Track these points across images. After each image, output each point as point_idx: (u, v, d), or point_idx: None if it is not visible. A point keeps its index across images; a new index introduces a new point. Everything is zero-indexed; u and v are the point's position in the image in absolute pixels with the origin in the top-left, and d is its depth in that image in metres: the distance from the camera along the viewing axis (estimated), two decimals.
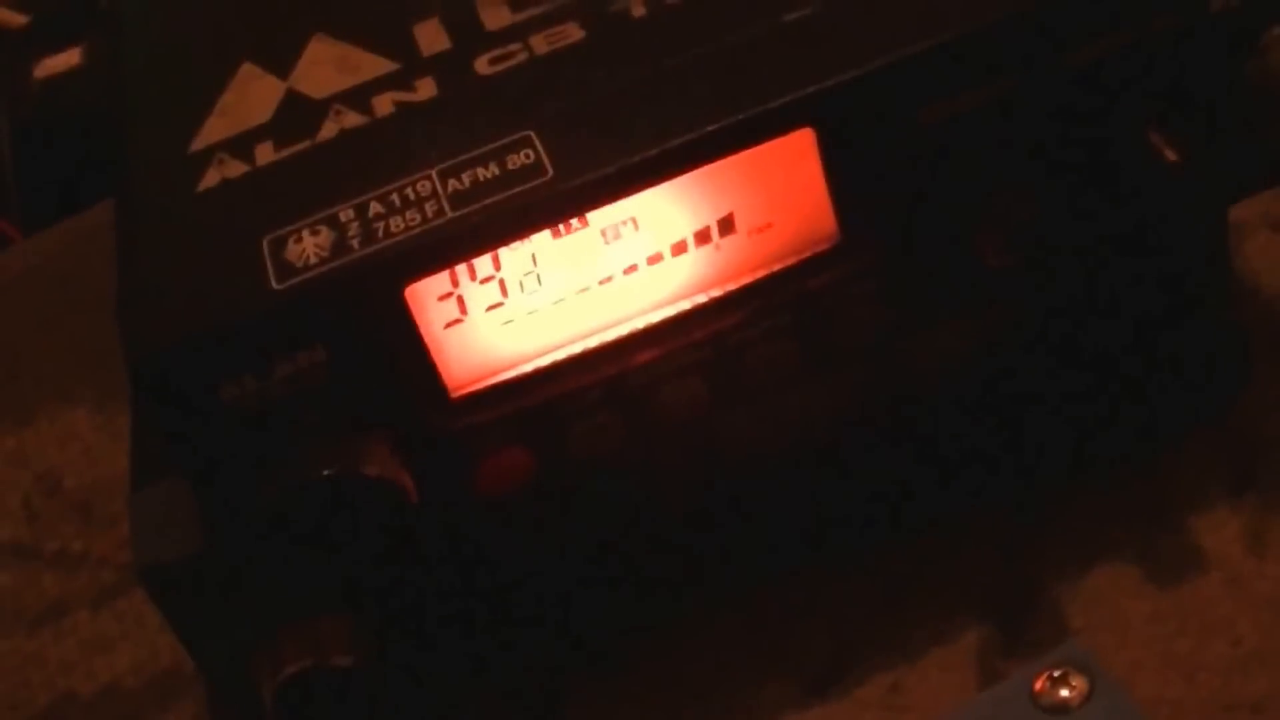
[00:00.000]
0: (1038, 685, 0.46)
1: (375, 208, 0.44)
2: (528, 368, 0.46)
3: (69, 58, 0.89)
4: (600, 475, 0.47)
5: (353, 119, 0.47)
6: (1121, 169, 0.46)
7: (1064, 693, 0.45)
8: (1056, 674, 0.46)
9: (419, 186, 0.44)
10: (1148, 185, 0.47)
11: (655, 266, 0.46)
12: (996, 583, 0.53)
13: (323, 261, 0.43)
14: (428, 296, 0.44)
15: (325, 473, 0.43)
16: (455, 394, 0.45)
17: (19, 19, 0.95)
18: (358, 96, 0.48)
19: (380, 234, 0.43)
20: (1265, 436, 0.54)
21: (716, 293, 0.46)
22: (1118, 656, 0.50)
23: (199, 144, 0.48)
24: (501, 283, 0.45)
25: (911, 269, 0.47)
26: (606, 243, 0.45)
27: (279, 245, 0.44)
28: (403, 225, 0.43)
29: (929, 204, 0.46)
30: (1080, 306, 0.50)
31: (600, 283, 0.46)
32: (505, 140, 0.44)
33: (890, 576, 0.53)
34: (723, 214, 0.46)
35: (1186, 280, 0.51)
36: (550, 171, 0.43)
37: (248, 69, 0.50)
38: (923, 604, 0.53)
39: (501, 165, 0.44)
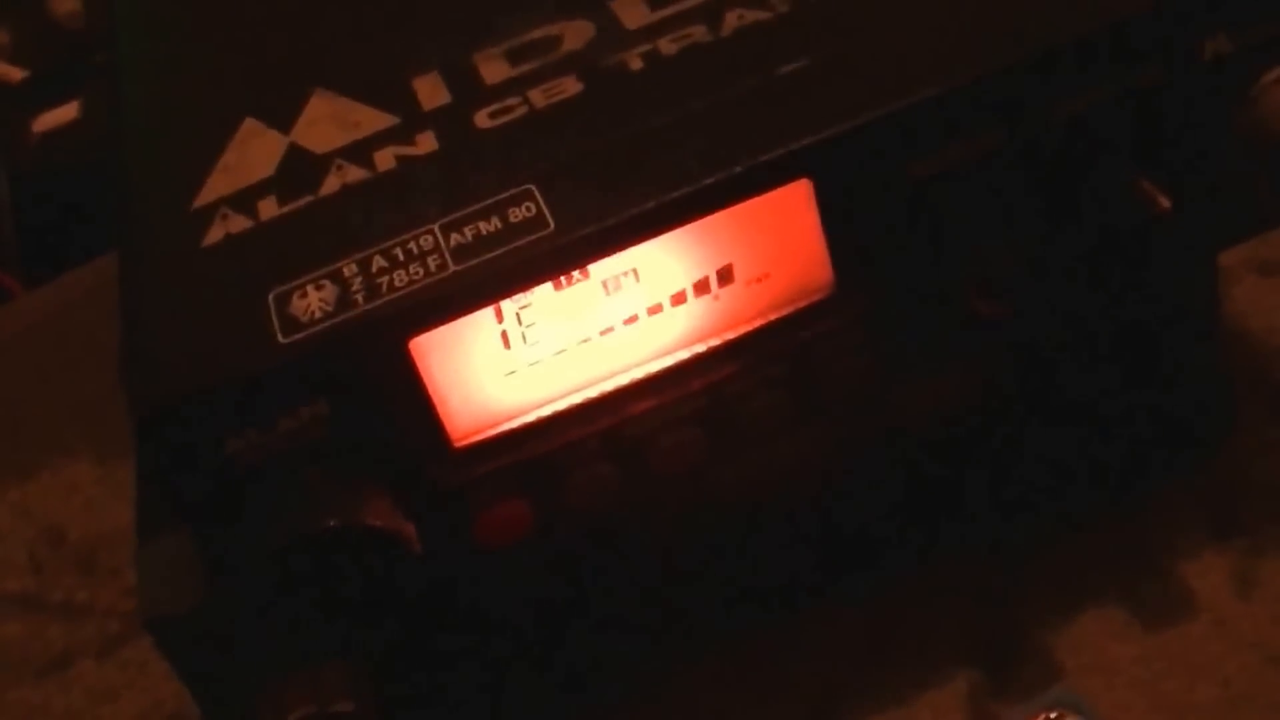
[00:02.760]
0: None
1: (378, 262, 0.44)
2: (529, 418, 0.46)
3: (67, 111, 0.90)
4: (597, 525, 0.48)
5: (355, 173, 0.48)
6: (1111, 218, 0.47)
7: None
8: (1052, 716, 0.46)
9: (421, 240, 0.44)
10: (1137, 234, 0.47)
11: (655, 317, 0.46)
12: (984, 627, 0.53)
13: (327, 316, 0.43)
14: (431, 349, 0.44)
15: (329, 524, 0.44)
16: (458, 445, 0.46)
17: (17, 73, 0.96)
18: (359, 151, 0.48)
19: (384, 288, 0.44)
20: (1251, 480, 0.55)
21: (715, 342, 0.47)
22: (1106, 699, 0.50)
23: (202, 199, 0.48)
24: (504, 334, 0.45)
25: (903, 319, 0.47)
26: (607, 294, 0.46)
27: (284, 300, 0.44)
28: (406, 279, 0.44)
29: (921, 253, 0.47)
30: (1068, 355, 0.50)
31: (601, 333, 0.46)
32: (506, 194, 0.45)
33: (880, 621, 0.54)
34: (721, 265, 0.46)
35: (1175, 328, 0.51)
36: (551, 224, 0.44)
37: (249, 124, 0.51)
38: (913, 648, 0.53)
39: (503, 218, 0.44)
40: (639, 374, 0.46)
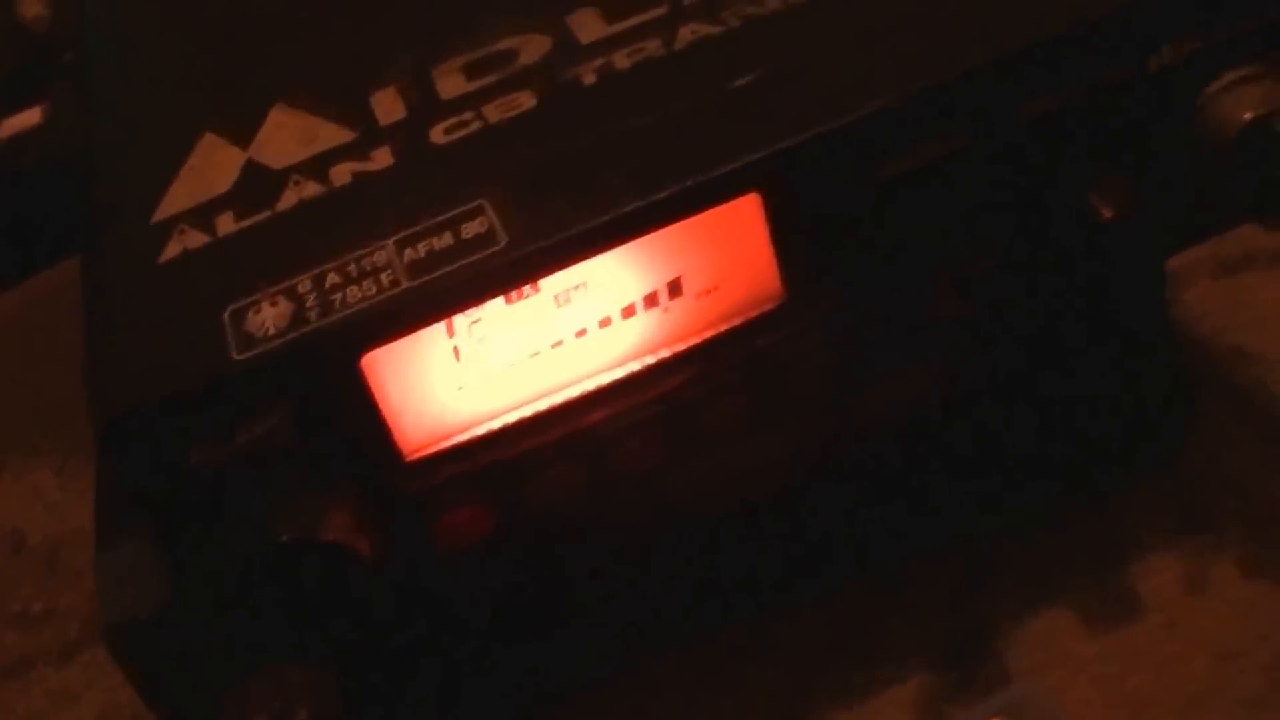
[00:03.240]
0: None
1: (332, 278, 0.45)
2: (481, 430, 0.47)
3: (30, 116, 0.90)
4: (557, 530, 0.48)
5: (311, 189, 0.48)
6: (1064, 223, 0.48)
7: None
8: (1010, 714, 0.47)
9: (375, 257, 0.45)
10: (1090, 238, 0.48)
11: (606, 329, 0.47)
12: (946, 625, 0.54)
13: (281, 333, 0.44)
14: (384, 365, 0.45)
15: (284, 536, 0.44)
16: (410, 457, 0.46)
17: None
18: (316, 166, 0.49)
19: (337, 305, 0.44)
20: (1209, 479, 0.56)
21: (665, 354, 0.47)
22: (1066, 696, 0.51)
23: (161, 214, 0.49)
24: (456, 349, 0.46)
25: (859, 323, 0.48)
26: (558, 307, 0.46)
27: (239, 317, 0.44)
28: (359, 295, 0.44)
29: (875, 260, 0.47)
30: (1027, 354, 0.51)
31: (552, 346, 0.47)
32: (459, 210, 0.45)
33: (842, 619, 0.54)
34: (671, 277, 0.47)
35: (1132, 329, 0.52)
36: (503, 240, 0.44)
37: (209, 139, 0.51)
38: (875, 647, 0.54)
39: (455, 234, 0.45)
40: (590, 385, 0.47)
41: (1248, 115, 0.48)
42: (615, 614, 0.53)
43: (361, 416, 0.45)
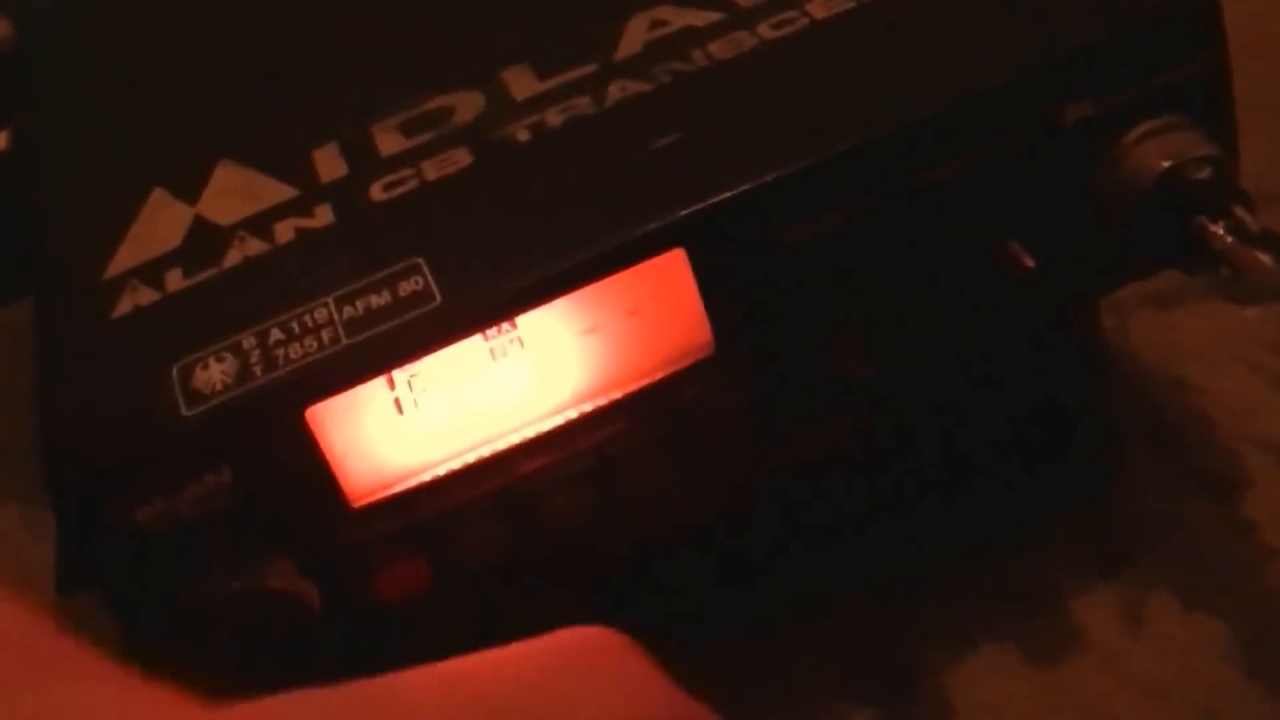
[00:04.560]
0: None
1: (276, 335, 0.46)
2: (424, 478, 0.48)
3: None
4: (492, 581, 0.50)
5: (255, 246, 0.50)
6: (979, 277, 0.49)
7: None
8: None
9: (316, 314, 0.47)
10: (1007, 292, 0.49)
11: (540, 381, 0.48)
12: (879, 664, 0.55)
13: (227, 389, 0.45)
14: (327, 417, 0.47)
15: (233, 587, 0.46)
16: (356, 506, 0.48)
17: None
18: (260, 223, 0.50)
19: (280, 360, 0.46)
20: (1141, 515, 0.57)
21: (601, 402, 0.49)
22: None
23: (113, 270, 0.50)
24: (397, 401, 0.47)
25: (779, 377, 0.50)
26: (494, 360, 0.48)
27: (187, 373, 0.46)
28: (301, 352, 0.46)
29: (792, 317, 0.49)
30: (946, 405, 0.52)
31: (489, 398, 0.48)
32: (396, 267, 0.47)
33: (777, 660, 0.55)
34: (604, 329, 0.48)
35: (1054, 375, 0.53)
36: (439, 298, 0.46)
37: (158, 195, 0.53)
38: (809, 685, 0.54)
39: (393, 292, 0.47)
40: (527, 434, 0.49)
41: (1164, 164, 0.49)
42: None
43: (308, 467, 0.47)
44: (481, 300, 0.46)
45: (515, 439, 0.49)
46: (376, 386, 0.47)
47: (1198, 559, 0.56)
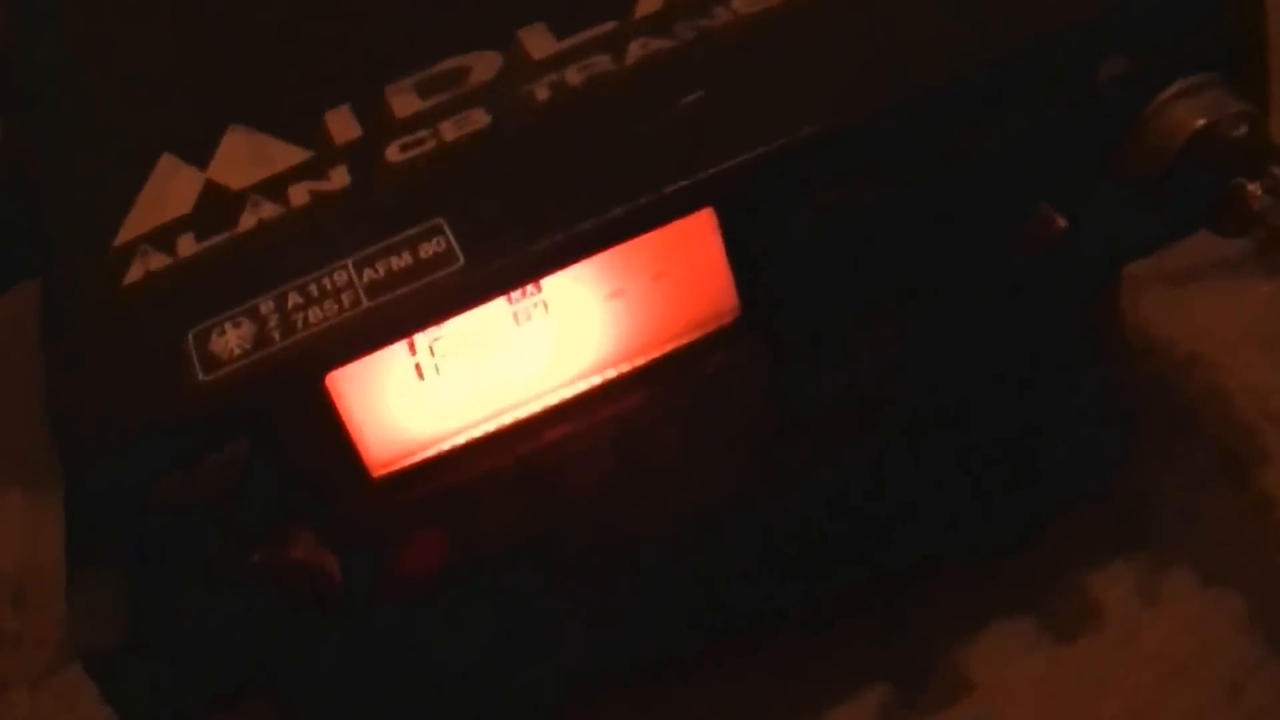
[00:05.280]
0: None
1: (294, 299, 0.45)
2: (445, 446, 0.47)
3: None
4: (514, 553, 0.49)
5: (270, 210, 0.48)
6: (1011, 241, 0.48)
7: None
8: None
9: (335, 277, 0.45)
10: (1038, 258, 0.48)
11: (565, 346, 0.47)
12: (895, 643, 0.54)
13: (245, 354, 0.44)
14: (347, 383, 0.45)
15: (252, 559, 0.44)
16: (376, 476, 0.47)
17: None
18: (274, 187, 0.49)
19: (299, 325, 0.44)
20: (1157, 491, 0.56)
21: (625, 368, 0.48)
22: (1014, 713, 0.51)
23: (122, 237, 0.49)
24: (418, 367, 0.46)
25: (807, 346, 0.48)
26: (518, 325, 0.47)
27: (203, 339, 0.45)
28: (321, 316, 0.45)
29: (823, 281, 0.48)
30: (972, 377, 0.51)
31: (513, 364, 0.47)
32: (417, 229, 0.46)
33: (791, 638, 0.55)
34: (630, 293, 0.47)
35: (1076, 347, 0.52)
36: (461, 259, 0.45)
37: (167, 160, 0.51)
38: (823, 665, 0.54)
39: (414, 254, 0.45)
40: (550, 402, 0.47)
41: (1199, 122, 0.48)
42: (573, 640, 0.53)
43: (328, 436, 0.45)
44: (506, 262, 0.45)
45: (538, 406, 0.48)
46: (397, 352, 0.46)
47: (1215, 535, 0.55)
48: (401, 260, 0.45)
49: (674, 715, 0.54)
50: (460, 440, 0.47)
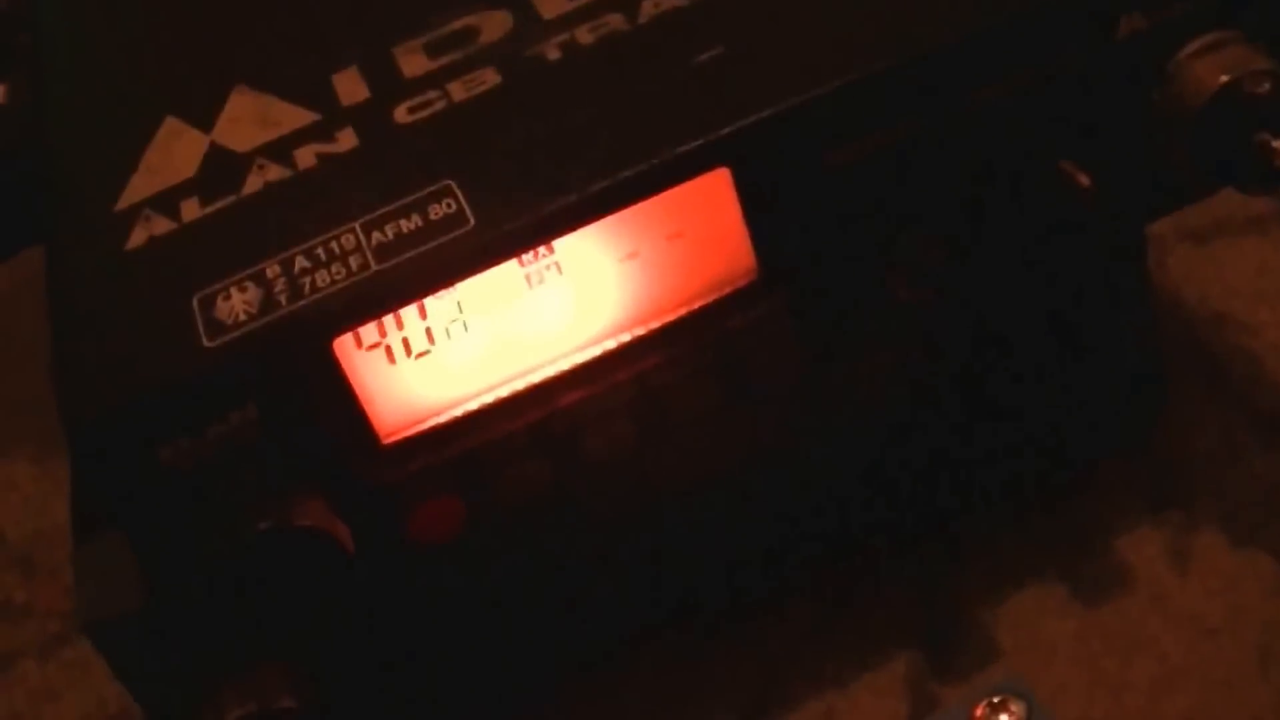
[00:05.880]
0: (978, 713, 0.46)
1: (301, 262, 0.44)
2: (457, 412, 0.46)
3: None
4: (530, 519, 0.48)
5: (276, 172, 0.47)
6: (1034, 200, 0.47)
7: (1003, 718, 0.46)
8: (995, 700, 0.47)
9: (343, 240, 0.44)
10: (1060, 215, 0.47)
11: (579, 308, 0.46)
12: (922, 607, 0.54)
13: (251, 319, 0.43)
14: (356, 348, 0.45)
15: (261, 526, 0.44)
16: (386, 441, 0.46)
17: None
18: (280, 149, 0.48)
19: (306, 289, 0.44)
20: (1186, 452, 0.55)
21: (640, 331, 0.47)
22: (1045, 677, 0.50)
23: (125, 201, 0.48)
24: (428, 331, 0.45)
25: (827, 306, 0.48)
26: (530, 287, 0.46)
27: (208, 303, 0.44)
28: (328, 279, 0.44)
29: (842, 240, 0.47)
30: (997, 337, 0.50)
31: (526, 326, 0.46)
32: (426, 190, 0.45)
33: (816, 604, 0.54)
34: (645, 254, 0.46)
35: (1104, 305, 0.52)
36: (472, 221, 0.44)
37: (171, 123, 0.50)
38: (850, 630, 0.53)
39: (424, 216, 0.44)
40: (565, 365, 0.47)
41: (1223, 78, 0.47)
42: (589, 605, 0.52)
43: (336, 401, 0.44)
44: (517, 223, 0.44)
45: (552, 370, 0.47)
46: (407, 316, 0.45)
47: (1245, 496, 0.55)
48: (411, 222, 0.44)
49: (695, 682, 0.53)
50: (473, 405, 0.46)
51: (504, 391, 0.46)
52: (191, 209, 0.47)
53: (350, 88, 0.49)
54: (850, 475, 0.53)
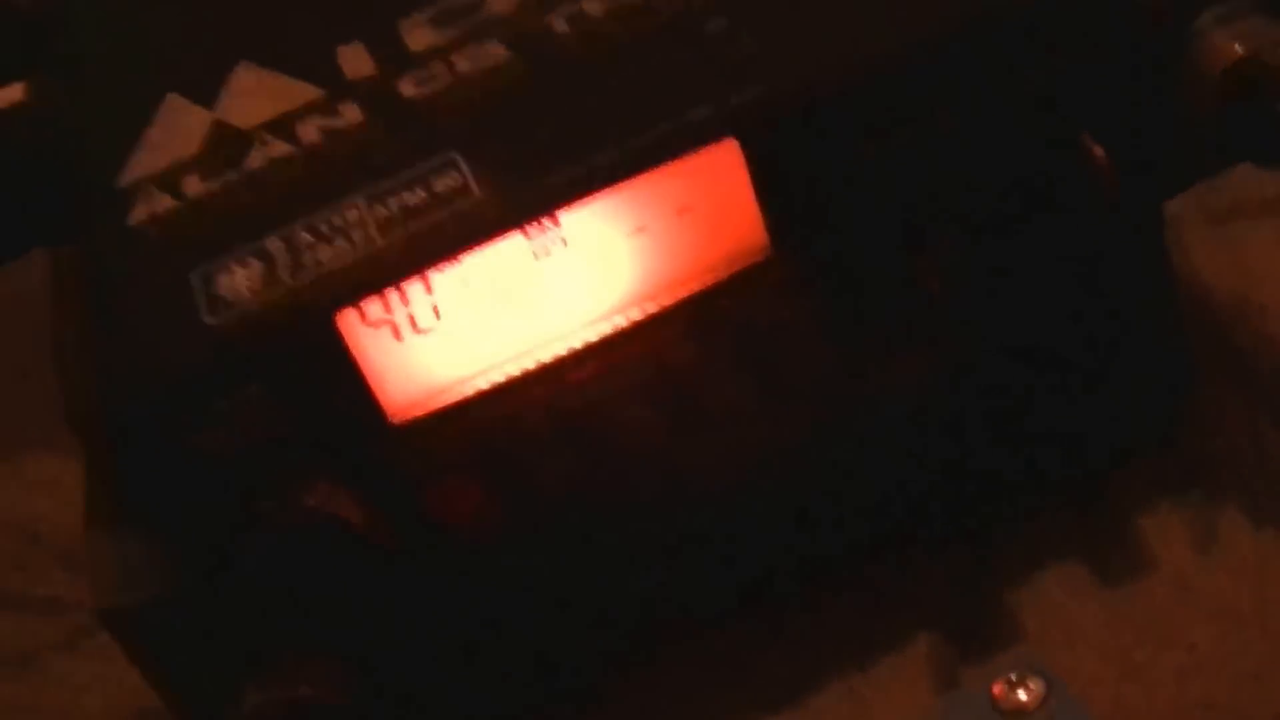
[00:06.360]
0: (996, 690, 0.46)
1: (304, 237, 0.44)
2: (467, 391, 0.46)
3: (12, 93, 0.88)
4: (553, 504, 0.47)
5: (280, 148, 0.47)
6: (1057, 180, 0.46)
7: (1022, 696, 0.45)
8: (1014, 677, 0.46)
9: (347, 214, 0.44)
10: (1085, 195, 0.47)
11: (586, 283, 0.46)
12: (948, 591, 0.53)
13: (253, 295, 0.43)
14: (360, 323, 0.44)
15: (268, 509, 0.43)
16: (395, 419, 0.45)
17: None
18: (284, 124, 0.48)
19: (310, 264, 0.43)
20: (1211, 438, 0.55)
21: (650, 307, 0.46)
22: (1069, 662, 0.50)
23: (127, 178, 0.48)
24: (435, 307, 0.45)
25: (848, 292, 0.47)
26: (537, 260, 0.45)
27: (209, 279, 0.43)
28: (332, 254, 0.43)
29: (854, 220, 0.46)
30: (1024, 331, 0.49)
31: (533, 301, 0.45)
32: (431, 164, 0.44)
33: (842, 587, 0.53)
34: (653, 228, 0.46)
35: (1128, 290, 0.51)
36: (477, 193, 0.43)
37: (173, 100, 0.50)
38: (876, 614, 0.53)
39: (428, 189, 0.44)
40: (574, 343, 0.46)
41: (1240, 50, 0.47)
42: (621, 603, 0.51)
43: (342, 378, 0.44)
44: (522, 194, 0.43)
45: (563, 348, 0.46)
46: (413, 291, 0.44)
47: (1269, 481, 0.54)
48: (415, 196, 0.44)
49: (718, 665, 0.53)
50: (483, 384, 0.46)
51: (514, 369, 0.46)
52: (194, 185, 0.47)
53: (355, 62, 0.49)
54: (866, 458, 0.51)
